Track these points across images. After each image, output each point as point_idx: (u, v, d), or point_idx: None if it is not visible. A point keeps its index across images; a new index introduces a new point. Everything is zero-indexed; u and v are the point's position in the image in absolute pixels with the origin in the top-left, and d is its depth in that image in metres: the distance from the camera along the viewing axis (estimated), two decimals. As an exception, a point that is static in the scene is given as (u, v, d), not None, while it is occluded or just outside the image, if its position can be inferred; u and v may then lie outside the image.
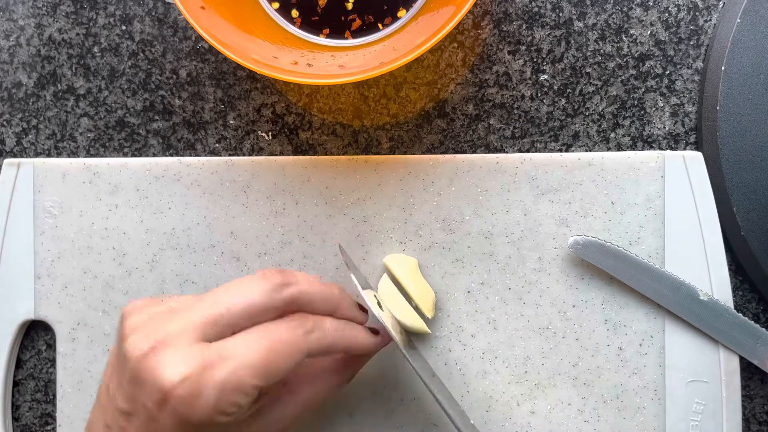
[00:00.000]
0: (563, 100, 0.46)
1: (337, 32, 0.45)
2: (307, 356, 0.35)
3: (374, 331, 0.40)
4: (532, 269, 0.45)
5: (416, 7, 0.45)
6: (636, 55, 0.45)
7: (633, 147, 0.46)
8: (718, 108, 0.43)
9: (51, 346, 0.48)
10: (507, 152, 0.46)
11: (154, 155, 0.48)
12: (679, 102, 0.45)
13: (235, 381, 0.32)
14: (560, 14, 0.46)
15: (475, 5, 0.46)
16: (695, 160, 0.44)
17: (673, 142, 0.46)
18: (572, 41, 0.46)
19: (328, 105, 0.47)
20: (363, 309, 0.40)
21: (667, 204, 0.44)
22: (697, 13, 0.45)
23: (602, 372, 0.44)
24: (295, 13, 0.45)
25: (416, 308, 0.44)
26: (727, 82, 0.43)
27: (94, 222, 0.47)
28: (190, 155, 0.48)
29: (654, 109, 0.46)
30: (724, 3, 0.45)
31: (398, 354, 0.45)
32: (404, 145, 0.47)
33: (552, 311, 0.45)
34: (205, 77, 0.47)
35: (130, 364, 0.33)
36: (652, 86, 0.45)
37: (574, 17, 0.46)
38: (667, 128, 0.46)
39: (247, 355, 0.33)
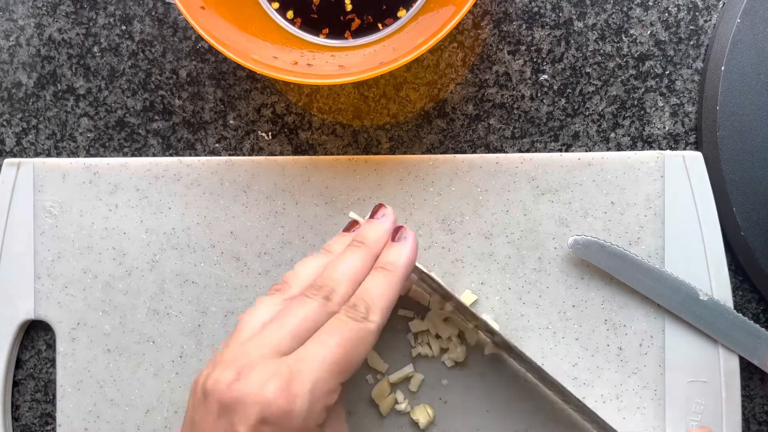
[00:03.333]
0: (563, 100, 0.46)
1: (336, 32, 0.45)
2: (377, 335, 0.36)
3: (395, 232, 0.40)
4: (531, 269, 0.45)
5: (416, 7, 0.45)
6: (636, 55, 0.45)
7: (633, 147, 0.46)
8: (717, 108, 0.43)
9: (51, 346, 0.48)
10: (507, 152, 0.46)
11: (154, 155, 0.48)
12: (678, 102, 0.45)
13: (322, 382, 0.34)
14: (560, 14, 0.46)
15: (475, 5, 0.46)
16: (695, 160, 0.44)
17: (673, 142, 0.46)
18: (572, 41, 0.46)
19: (328, 105, 0.47)
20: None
21: (667, 204, 0.44)
22: (696, 13, 0.45)
23: (602, 372, 0.44)
24: (290, 14, 0.45)
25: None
26: (726, 82, 0.43)
27: (94, 222, 0.47)
28: (190, 155, 0.48)
29: (654, 109, 0.46)
30: (724, 3, 0.45)
31: (398, 354, 0.45)
32: (404, 145, 0.47)
33: (552, 311, 0.45)
34: (205, 77, 0.47)
35: (218, 396, 0.34)
36: (652, 86, 0.45)
37: (574, 17, 0.46)
38: (666, 128, 0.46)
39: (325, 356, 0.34)
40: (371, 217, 0.41)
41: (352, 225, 0.41)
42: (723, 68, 0.43)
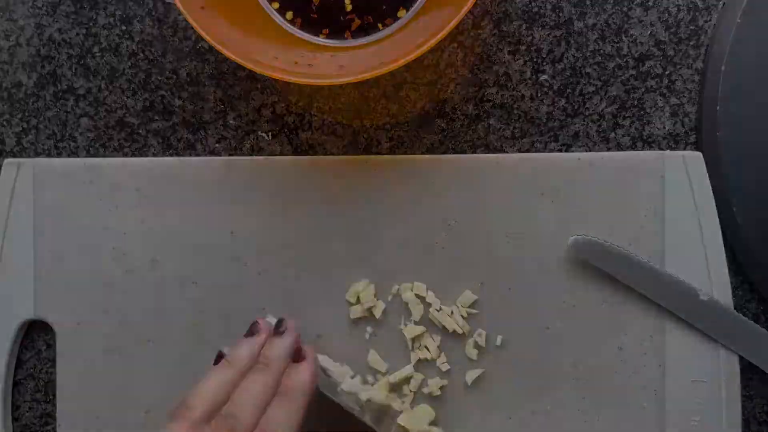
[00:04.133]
0: (563, 100, 0.46)
1: (337, 32, 0.45)
2: None
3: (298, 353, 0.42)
4: (531, 269, 0.45)
5: (416, 7, 0.45)
6: (636, 55, 0.45)
7: (633, 147, 0.46)
8: (718, 108, 0.43)
9: (51, 346, 0.48)
10: (507, 152, 0.46)
11: (154, 155, 0.48)
12: (679, 102, 0.45)
13: None
14: (560, 14, 0.46)
15: (475, 5, 0.46)
16: (695, 160, 0.44)
17: (673, 142, 0.46)
18: (572, 41, 0.46)
19: (328, 105, 0.47)
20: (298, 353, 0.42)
21: (667, 204, 0.44)
22: (696, 14, 0.45)
23: (602, 372, 0.44)
24: (290, 15, 0.45)
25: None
26: (727, 82, 0.43)
27: (94, 222, 0.47)
28: (190, 155, 0.48)
29: (654, 109, 0.46)
30: (724, 3, 0.45)
31: (398, 354, 0.45)
32: (404, 145, 0.47)
33: (552, 311, 0.45)
34: (205, 77, 0.47)
35: None
36: (652, 86, 0.45)
37: (574, 17, 0.46)
38: (667, 128, 0.46)
39: None
40: (275, 331, 0.42)
41: (253, 327, 0.42)
42: (723, 68, 0.43)
